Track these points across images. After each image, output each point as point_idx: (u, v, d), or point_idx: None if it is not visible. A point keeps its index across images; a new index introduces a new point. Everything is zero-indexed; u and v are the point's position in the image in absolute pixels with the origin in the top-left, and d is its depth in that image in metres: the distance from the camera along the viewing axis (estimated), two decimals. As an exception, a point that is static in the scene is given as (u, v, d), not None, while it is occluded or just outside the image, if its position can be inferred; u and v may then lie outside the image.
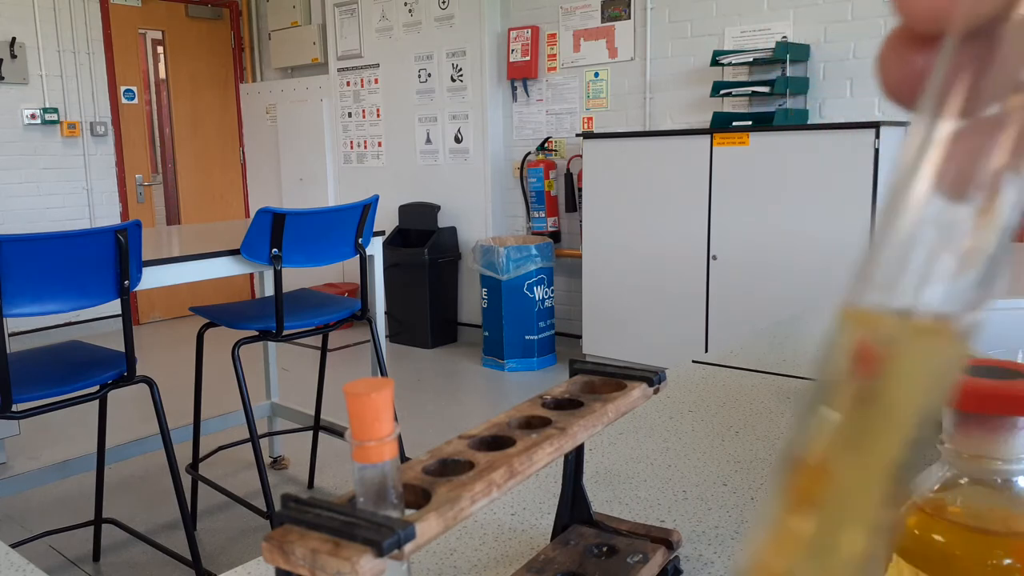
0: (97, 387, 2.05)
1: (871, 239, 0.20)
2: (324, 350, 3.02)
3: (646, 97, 4.56)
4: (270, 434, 3.30)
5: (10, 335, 2.08)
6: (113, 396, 2.30)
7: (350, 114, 5.94)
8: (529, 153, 5.07)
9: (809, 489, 0.20)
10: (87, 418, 3.44)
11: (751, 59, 3.98)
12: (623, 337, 4.30)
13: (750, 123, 3.88)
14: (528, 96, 5.06)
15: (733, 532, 0.58)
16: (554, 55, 4.92)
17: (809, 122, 3.92)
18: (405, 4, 5.44)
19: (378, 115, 5.76)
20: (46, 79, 5.58)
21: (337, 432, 3.02)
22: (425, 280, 5.13)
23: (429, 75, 5.39)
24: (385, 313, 3.53)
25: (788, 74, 3.93)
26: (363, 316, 2.64)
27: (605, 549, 0.50)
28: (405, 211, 5.47)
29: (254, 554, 1.76)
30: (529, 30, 4.92)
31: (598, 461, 0.71)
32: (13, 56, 5.38)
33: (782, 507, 0.20)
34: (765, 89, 3.93)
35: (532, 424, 0.43)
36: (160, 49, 6.56)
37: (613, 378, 0.49)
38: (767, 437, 0.76)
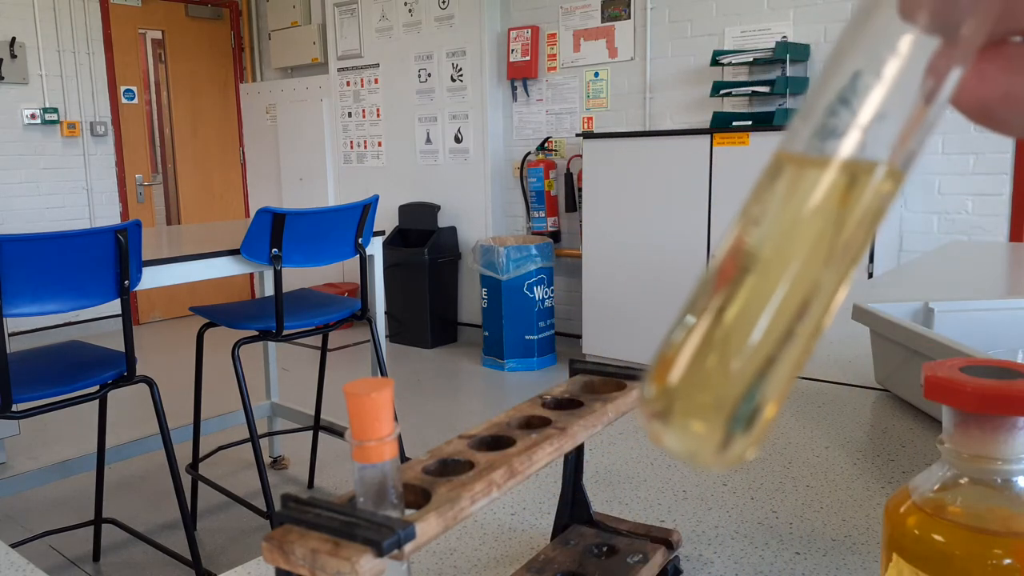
0: (97, 387, 2.05)
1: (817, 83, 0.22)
2: (324, 350, 3.02)
3: (646, 97, 4.56)
4: (270, 434, 3.30)
5: (10, 335, 2.08)
6: (113, 396, 2.30)
7: (350, 114, 5.94)
8: (529, 153, 5.07)
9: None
10: (87, 418, 3.44)
11: (751, 59, 3.98)
12: (623, 337, 4.30)
13: (750, 123, 3.88)
14: (528, 96, 5.06)
15: (733, 532, 0.58)
16: (554, 55, 4.92)
17: (809, 122, 3.91)
18: (405, 4, 5.44)
19: (378, 115, 5.76)
20: (46, 79, 5.58)
21: (337, 432, 3.03)
22: (425, 280, 5.13)
23: (429, 75, 5.39)
24: (385, 313, 3.54)
25: (788, 74, 3.93)
26: (363, 316, 2.64)
27: (605, 549, 0.50)
28: (405, 211, 5.47)
29: (254, 554, 1.76)
30: (529, 30, 4.92)
31: (598, 461, 0.71)
32: (13, 56, 5.38)
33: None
34: (765, 89, 3.93)
35: (532, 424, 0.43)
36: (160, 49, 6.56)
37: (613, 378, 0.49)
38: (767, 437, 0.76)
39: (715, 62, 4.07)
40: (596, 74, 4.77)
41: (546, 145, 4.98)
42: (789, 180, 0.21)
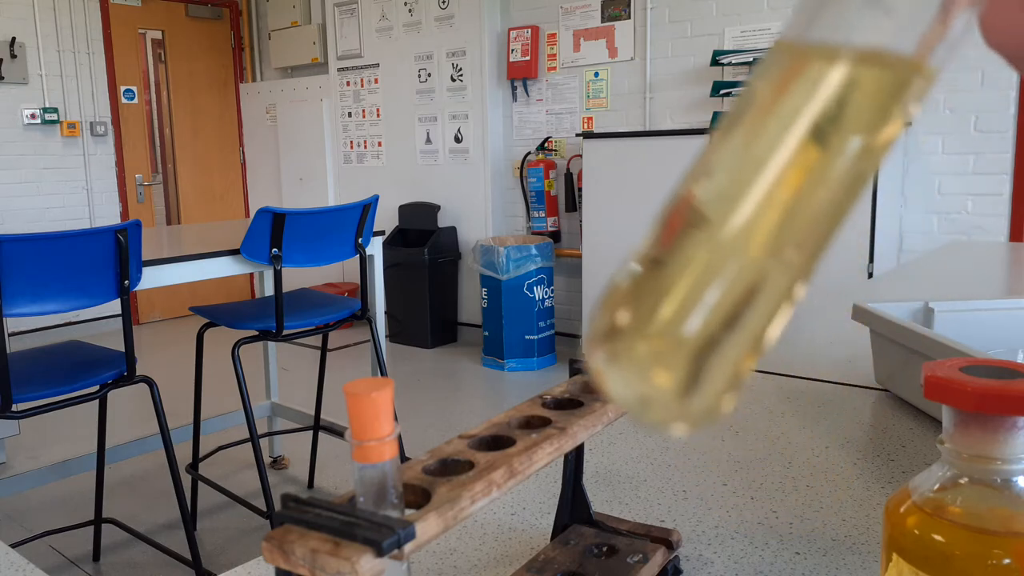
0: (97, 387, 2.05)
1: None
2: (324, 350, 3.02)
3: (646, 97, 4.56)
4: (270, 434, 3.30)
5: (10, 335, 2.08)
6: (113, 396, 2.30)
7: (350, 114, 5.94)
8: (529, 153, 5.07)
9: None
10: (87, 418, 3.44)
11: (751, 59, 3.98)
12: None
13: (750, 123, 3.87)
14: (528, 96, 5.06)
15: (733, 532, 0.58)
16: (554, 55, 4.92)
17: (809, 122, 3.91)
18: (405, 4, 5.43)
19: (378, 115, 5.76)
20: (46, 79, 5.58)
21: (337, 432, 3.02)
22: (425, 280, 5.13)
23: (429, 75, 5.39)
24: (385, 313, 3.54)
25: (788, 74, 3.93)
26: (363, 316, 2.64)
27: (605, 549, 0.50)
28: (405, 211, 5.47)
29: (254, 554, 1.76)
30: (529, 30, 4.92)
31: (598, 461, 0.71)
32: (13, 56, 5.38)
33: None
34: (765, 89, 3.92)
35: (532, 424, 0.43)
36: (160, 49, 6.56)
37: (613, 378, 0.49)
38: (767, 437, 0.76)
39: (715, 62, 4.07)
40: (596, 74, 4.76)
41: (546, 145, 4.98)
42: (782, 75, 0.17)
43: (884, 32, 0.17)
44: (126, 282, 2.03)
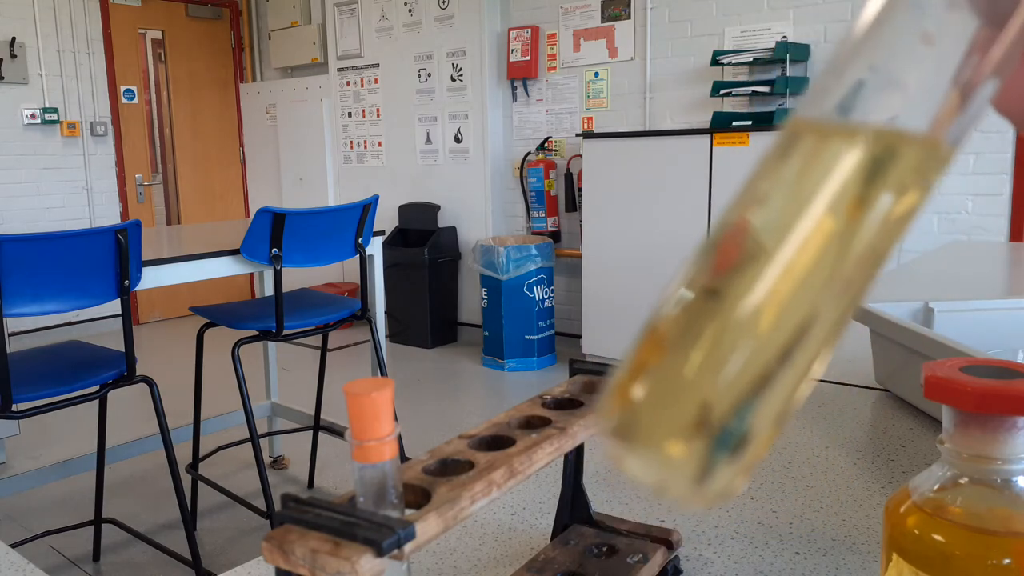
0: (97, 387, 2.05)
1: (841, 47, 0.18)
2: (324, 350, 3.02)
3: (646, 97, 4.56)
4: (270, 434, 3.30)
5: (10, 335, 2.08)
6: (113, 396, 2.30)
7: (350, 114, 5.94)
8: (529, 153, 5.07)
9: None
10: (87, 418, 3.44)
11: (751, 59, 3.98)
12: (623, 337, 4.29)
13: (750, 123, 3.88)
14: (528, 96, 5.06)
15: (733, 532, 0.58)
16: (554, 55, 4.92)
17: (809, 122, 3.91)
18: (405, 4, 5.43)
19: (378, 115, 5.76)
20: (46, 79, 5.58)
21: (337, 432, 3.02)
22: (425, 280, 5.13)
23: (429, 75, 5.39)
24: (385, 313, 3.54)
25: (788, 74, 3.93)
26: (363, 316, 2.64)
27: (605, 549, 0.50)
28: (405, 211, 5.47)
29: (254, 554, 1.76)
30: (529, 30, 4.92)
31: (598, 461, 0.71)
32: (13, 56, 5.38)
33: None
34: (765, 89, 3.92)
35: (532, 424, 0.43)
36: (160, 49, 6.56)
37: (613, 378, 0.49)
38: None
39: (715, 62, 4.06)
40: (596, 74, 4.76)
41: (546, 145, 4.98)
42: (805, 155, 0.18)
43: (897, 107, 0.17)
44: (126, 282, 2.03)
